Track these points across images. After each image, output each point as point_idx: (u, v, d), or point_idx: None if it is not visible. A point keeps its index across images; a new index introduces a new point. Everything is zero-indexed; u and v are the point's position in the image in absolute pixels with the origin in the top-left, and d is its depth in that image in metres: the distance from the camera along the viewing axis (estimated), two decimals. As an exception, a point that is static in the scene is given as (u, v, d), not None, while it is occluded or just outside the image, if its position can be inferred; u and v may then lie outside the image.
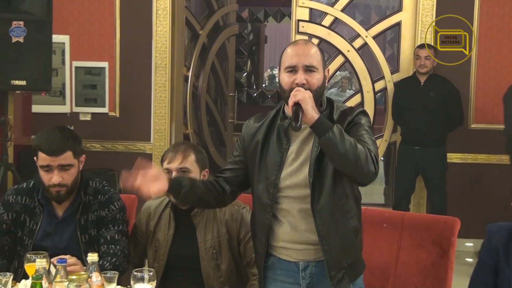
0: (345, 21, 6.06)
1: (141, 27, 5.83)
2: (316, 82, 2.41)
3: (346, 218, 2.45)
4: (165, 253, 2.87)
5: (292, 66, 2.42)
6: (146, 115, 5.89)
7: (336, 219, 2.42)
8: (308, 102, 2.29)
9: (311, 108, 2.29)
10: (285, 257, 2.50)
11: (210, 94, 6.89)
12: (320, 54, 2.46)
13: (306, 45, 2.47)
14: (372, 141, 2.39)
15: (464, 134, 5.73)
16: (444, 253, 2.83)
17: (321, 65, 2.44)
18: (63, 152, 2.74)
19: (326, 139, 2.27)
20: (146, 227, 2.95)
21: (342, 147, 2.25)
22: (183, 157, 2.83)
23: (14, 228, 2.85)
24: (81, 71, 5.87)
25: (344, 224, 2.44)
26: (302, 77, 2.39)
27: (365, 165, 2.27)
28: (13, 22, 4.52)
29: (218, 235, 2.85)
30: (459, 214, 3.05)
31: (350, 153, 2.25)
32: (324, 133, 2.27)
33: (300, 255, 2.48)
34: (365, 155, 2.28)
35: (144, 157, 5.81)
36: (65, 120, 5.74)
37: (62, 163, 2.75)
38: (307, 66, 2.40)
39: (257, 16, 10.55)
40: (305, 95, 2.30)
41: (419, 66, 5.54)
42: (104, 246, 2.80)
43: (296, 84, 2.38)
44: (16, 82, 4.57)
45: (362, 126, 2.42)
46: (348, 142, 2.26)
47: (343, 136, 2.26)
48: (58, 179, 2.75)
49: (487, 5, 5.69)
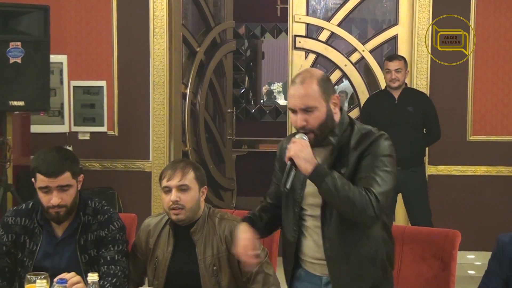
0: (342, 35, 6.08)
1: (138, 45, 5.84)
2: (316, 120, 2.43)
3: (360, 245, 2.46)
4: (164, 270, 2.86)
5: (292, 108, 2.47)
6: (144, 133, 5.89)
7: (347, 245, 2.45)
8: (300, 156, 2.35)
9: (303, 162, 2.35)
10: (311, 270, 2.58)
11: (208, 111, 6.89)
12: (318, 89, 2.44)
13: (302, 84, 2.45)
14: (384, 175, 2.39)
15: (463, 146, 5.73)
16: (446, 266, 2.83)
17: (322, 100, 2.44)
18: (61, 173, 2.74)
19: (321, 189, 2.35)
20: (146, 244, 2.94)
21: (337, 196, 2.32)
22: (182, 175, 2.83)
23: (14, 250, 2.85)
24: (79, 91, 5.87)
25: (356, 251, 2.46)
26: (301, 119, 2.44)
27: (361, 212, 2.32)
28: (11, 43, 4.53)
29: (218, 251, 2.84)
30: (460, 226, 3.04)
31: (345, 201, 2.32)
32: (319, 183, 2.34)
33: (324, 270, 2.53)
34: (362, 201, 2.31)
35: (143, 175, 5.85)
36: (63, 139, 5.74)
37: (60, 184, 2.74)
38: (304, 109, 2.43)
39: (254, 32, 10.57)
40: (296, 150, 2.36)
41: (390, 80, 5.16)
42: (104, 267, 2.78)
43: (298, 127, 2.44)
44: (14, 103, 4.58)
45: (377, 156, 2.42)
46: (343, 191, 2.31)
47: (336, 185, 2.31)
48: (57, 200, 2.74)
49: (483, 15, 5.71)
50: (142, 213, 3.53)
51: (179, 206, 2.79)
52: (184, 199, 2.80)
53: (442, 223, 4.77)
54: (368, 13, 7.75)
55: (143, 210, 5.60)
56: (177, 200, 2.79)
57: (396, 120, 5.09)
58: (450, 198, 5.73)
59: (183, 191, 2.80)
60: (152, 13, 5.80)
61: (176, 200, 2.79)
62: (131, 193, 5.85)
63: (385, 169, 2.40)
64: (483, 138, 5.76)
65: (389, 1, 6.40)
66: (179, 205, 2.79)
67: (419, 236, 2.99)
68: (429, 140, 5.33)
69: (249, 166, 8.33)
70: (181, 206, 2.79)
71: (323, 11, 6.85)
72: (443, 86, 5.67)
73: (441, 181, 5.67)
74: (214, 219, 2.88)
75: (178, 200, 2.79)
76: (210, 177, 6.48)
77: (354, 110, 6.17)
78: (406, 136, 5.06)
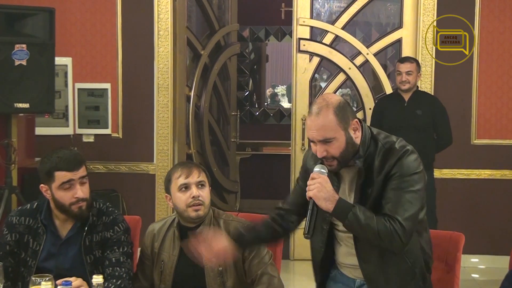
0: (346, 38, 6.09)
1: (143, 48, 5.85)
2: (336, 150, 2.42)
3: (396, 261, 2.46)
4: (171, 273, 2.87)
5: (311, 140, 2.47)
6: (149, 136, 5.90)
7: (383, 263, 2.46)
8: (320, 197, 2.37)
9: (324, 202, 2.37)
10: (345, 272, 2.64)
11: (212, 114, 6.90)
12: (335, 119, 2.41)
13: (318, 116, 2.42)
14: (410, 200, 2.38)
15: (467, 149, 5.72)
16: (450, 269, 2.83)
17: (340, 129, 2.42)
18: (81, 165, 2.81)
19: (346, 225, 2.39)
20: (151, 249, 2.94)
21: (361, 230, 2.35)
22: (199, 172, 2.87)
23: (18, 249, 2.85)
24: (84, 93, 5.89)
25: (394, 267, 2.47)
26: (320, 150, 2.44)
27: (388, 243, 2.35)
28: (16, 45, 4.55)
29: None
30: (464, 230, 3.04)
31: (370, 235, 2.35)
32: (343, 220, 2.37)
33: (357, 273, 2.58)
34: (389, 233, 2.32)
35: (147, 177, 5.85)
36: (68, 141, 5.75)
37: (82, 175, 2.80)
38: (322, 140, 2.42)
39: (258, 35, 10.58)
40: (315, 191, 2.37)
41: (400, 82, 5.13)
42: (109, 269, 2.78)
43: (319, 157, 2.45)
44: (19, 105, 4.60)
45: (403, 178, 2.39)
46: (366, 226, 2.33)
47: (359, 220, 2.33)
48: (82, 193, 2.79)
49: (488, 18, 5.71)
50: (146, 216, 3.54)
51: (199, 202, 2.81)
52: (203, 195, 2.83)
53: (446, 226, 4.76)
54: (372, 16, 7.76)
55: (147, 213, 5.61)
56: (198, 196, 2.81)
57: (404, 123, 5.06)
58: (454, 201, 5.72)
59: (202, 187, 2.84)
60: (156, 15, 5.81)
61: (198, 196, 2.81)
62: (135, 195, 5.85)
63: (412, 189, 2.39)
64: (487, 141, 5.75)
65: (393, 4, 6.40)
66: (199, 201, 2.81)
67: (423, 239, 2.98)
68: (439, 145, 5.24)
69: (253, 168, 8.34)
70: (201, 202, 2.82)
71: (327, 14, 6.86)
72: (447, 90, 5.66)
73: (445, 185, 5.65)
74: (219, 221, 2.88)
75: (199, 196, 2.82)
76: (214, 180, 6.49)
77: (358, 113, 6.17)
78: (413, 140, 4.90)
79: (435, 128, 5.17)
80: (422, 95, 5.28)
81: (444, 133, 5.20)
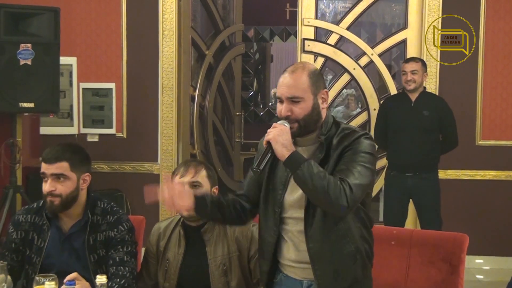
0: (351, 39, 6.08)
1: (147, 48, 5.86)
2: (301, 112, 2.43)
3: (341, 243, 2.45)
4: (176, 272, 2.87)
5: (279, 97, 2.47)
6: (153, 136, 5.90)
7: (329, 243, 2.43)
8: (278, 140, 2.33)
9: (280, 147, 2.33)
10: (291, 275, 2.55)
11: (216, 114, 6.91)
12: (308, 81, 2.44)
13: (292, 74, 2.46)
14: (361, 170, 2.37)
15: (472, 150, 5.71)
16: (454, 270, 2.82)
17: (309, 92, 2.44)
18: (57, 161, 2.77)
19: (296, 176, 2.33)
20: (157, 247, 2.95)
21: (311, 183, 2.29)
22: (195, 172, 2.86)
23: (23, 247, 2.87)
24: (89, 93, 5.90)
25: (339, 249, 2.45)
26: (286, 108, 2.44)
27: (334, 200, 2.29)
28: (21, 45, 4.56)
29: (228, 251, 2.85)
30: (468, 231, 3.03)
31: (319, 189, 2.29)
32: (294, 170, 2.32)
33: (304, 274, 2.51)
34: (336, 190, 2.29)
35: (151, 177, 5.85)
36: (72, 141, 5.76)
37: (55, 172, 2.76)
38: (290, 98, 2.43)
39: (263, 35, 10.60)
40: (275, 134, 2.34)
41: (405, 82, 5.09)
42: (112, 268, 2.79)
43: (282, 116, 2.43)
44: (24, 105, 4.61)
45: (357, 152, 2.41)
46: (318, 179, 2.29)
47: (312, 173, 2.29)
48: (49, 188, 2.76)
49: (493, 19, 5.70)
50: (150, 216, 3.54)
51: None
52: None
53: (450, 227, 4.76)
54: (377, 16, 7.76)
55: (151, 213, 5.58)
56: None
57: (411, 123, 5.05)
58: (458, 202, 5.71)
59: (195, 188, 2.82)
60: (161, 15, 5.82)
61: None
62: (139, 195, 5.79)
63: (364, 164, 2.39)
64: (492, 142, 5.74)
65: (398, 5, 6.40)
66: None
67: (427, 240, 2.99)
68: (445, 147, 5.20)
69: (257, 169, 8.32)
70: None
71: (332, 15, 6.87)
72: (452, 90, 5.65)
73: (450, 186, 5.64)
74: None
75: None
76: (218, 180, 6.47)
77: (363, 113, 6.17)
78: (419, 140, 5.03)
79: (441, 130, 5.14)
80: (429, 96, 5.25)
81: (450, 135, 5.17)
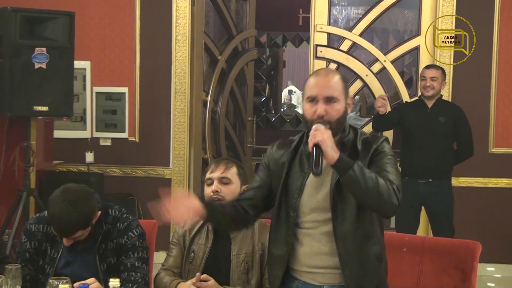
0: (363, 45, 6.08)
1: (160, 52, 5.89)
2: (336, 113, 2.42)
3: (369, 244, 2.44)
4: (201, 265, 2.90)
5: (313, 97, 2.44)
6: (165, 140, 5.93)
7: (359, 244, 2.42)
8: (328, 143, 2.29)
9: (330, 149, 2.29)
10: (310, 281, 2.51)
11: (228, 119, 6.92)
12: (341, 83, 2.47)
13: (327, 75, 2.47)
14: (395, 171, 2.40)
15: (485, 158, 5.68)
16: (466, 277, 2.82)
17: (343, 95, 2.45)
18: (73, 233, 2.74)
19: (347, 178, 2.29)
20: (183, 239, 2.99)
21: (364, 184, 2.26)
22: (225, 168, 2.92)
23: (36, 257, 2.87)
24: (102, 97, 5.93)
25: (367, 250, 2.44)
26: (322, 108, 2.41)
27: (387, 200, 2.29)
28: (36, 49, 4.59)
29: (252, 251, 2.88)
30: (480, 238, 3.02)
31: (372, 190, 2.27)
32: (346, 172, 2.28)
33: (325, 279, 2.48)
34: (387, 190, 2.29)
35: (163, 182, 5.87)
36: (85, 145, 5.80)
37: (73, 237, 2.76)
38: (327, 97, 2.42)
39: (276, 41, 10.62)
40: (324, 136, 2.30)
41: (424, 87, 5.04)
42: (124, 274, 2.80)
43: (317, 115, 2.40)
44: (38, 108, 4.63)
45: (386, 155, 2.43)
46: (370, 179, 2.27)
47: (364, 174, 2.27)
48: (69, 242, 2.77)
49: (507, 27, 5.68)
50: (162, 220, 3.54)
51: (218, 197, 2.86)
52: (224, 191, 2.88)
53: (462, 234, 4.74)
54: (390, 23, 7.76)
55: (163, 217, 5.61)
56: (217, 191, 2.87)
57: (426, 129, 5.02)
58: (471, 210, 5.68)
59: (224, 184, 2.89)
60: (174, 20, 5.84)
61: (217, 191, 2.87)
62: (151, 199, 5.80)
63: (394, 166, 2.42)
64: (505, 150, 5.72)
65: (411, 11, 6.40)
66: (219, 196, 2.86)
67: (439, 247, 2.98)
68: (460, 156, 5.16)
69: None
70: (221, 198, 2.86)
71: (345, 21, 6.87)
72: (465, 98, 5.63)
73: (463, 193, 5.61)
74: (254, 224, 2.89)
75: (219, 191, 2.87)
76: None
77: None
78: (433, 146, 5.01)
79: (456, 138, 5.12)
80: (446, 104, 5.23)
81: (466, 144, 5.13)
